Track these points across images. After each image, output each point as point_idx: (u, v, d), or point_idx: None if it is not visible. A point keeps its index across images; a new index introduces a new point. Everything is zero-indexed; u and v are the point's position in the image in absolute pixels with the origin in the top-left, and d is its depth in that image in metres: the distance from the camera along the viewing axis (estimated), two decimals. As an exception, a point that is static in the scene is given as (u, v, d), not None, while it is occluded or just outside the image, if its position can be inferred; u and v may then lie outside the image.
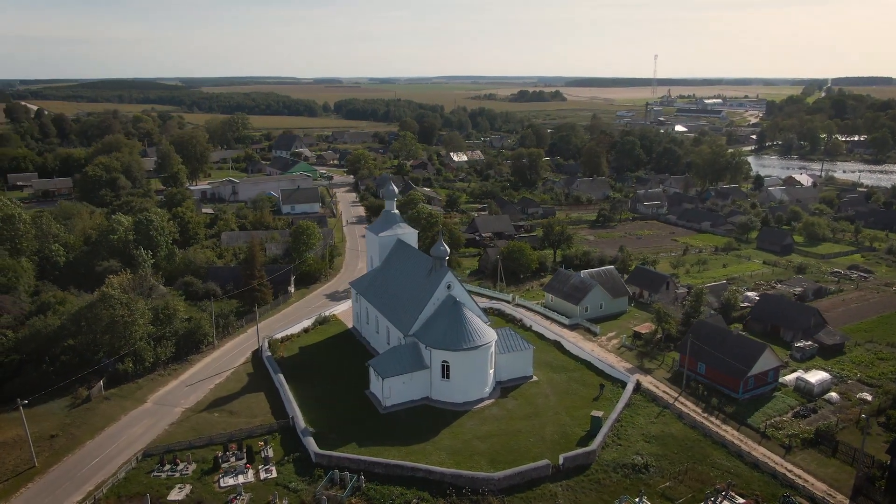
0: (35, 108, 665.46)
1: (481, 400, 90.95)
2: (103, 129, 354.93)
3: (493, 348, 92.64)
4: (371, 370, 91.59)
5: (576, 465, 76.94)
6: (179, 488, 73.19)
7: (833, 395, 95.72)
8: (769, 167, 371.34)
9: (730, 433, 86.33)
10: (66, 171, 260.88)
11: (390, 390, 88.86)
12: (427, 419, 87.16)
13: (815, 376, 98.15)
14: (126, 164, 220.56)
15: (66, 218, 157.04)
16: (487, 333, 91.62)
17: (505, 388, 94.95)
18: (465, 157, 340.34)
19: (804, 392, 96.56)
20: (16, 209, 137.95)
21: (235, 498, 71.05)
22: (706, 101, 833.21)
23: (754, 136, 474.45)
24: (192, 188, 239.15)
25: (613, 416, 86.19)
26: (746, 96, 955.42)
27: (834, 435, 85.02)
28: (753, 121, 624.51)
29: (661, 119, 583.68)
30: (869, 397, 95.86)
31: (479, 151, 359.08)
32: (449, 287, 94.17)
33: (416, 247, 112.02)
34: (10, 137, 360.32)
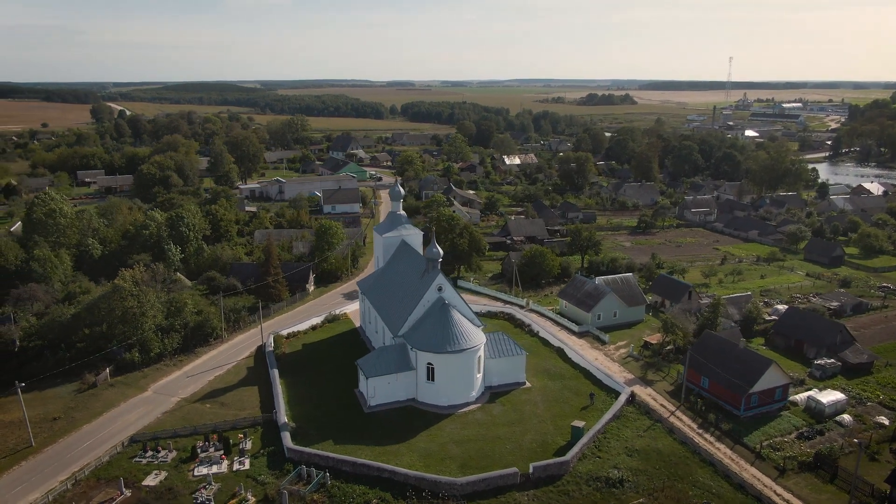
0: (119, 108, 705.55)
1: (467, 404, 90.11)
2: (172, 129, 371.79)
3: (481, 352, 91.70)
4: (359, 369, 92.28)
5: (547, 475, 75.15)
6: (155, 474, 75.88)
7: (845, 417, 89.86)
8: (842, 175, 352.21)
9: (722, 451, 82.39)
10: (131, 168, 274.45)
11: (375, 390, 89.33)
12: (409, 420, 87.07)
13: (828, 396, 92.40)
14: (179, 162, 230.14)
15: (111, 213, 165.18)
16: (475, 337, 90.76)
17: (495, 394, 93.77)
18: (517, 160, 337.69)
19: (814, 413, 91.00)
20: (60, 204, 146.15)
21: (204, 487, 73.08)
22: (784, 105, 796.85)
23: (829, 142, 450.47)
24: (242, 187, 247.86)
25: (597, 426, 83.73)
26: (830, 100, 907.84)
27: (836, 459, 79.77)
28: (834, 126, 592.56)
29: (731, 123, 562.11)
30: (886, 421, 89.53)
31: (532, 155, 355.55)
32: (440, 289, 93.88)
33: (422, 248, 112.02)
34: (87, 136, 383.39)
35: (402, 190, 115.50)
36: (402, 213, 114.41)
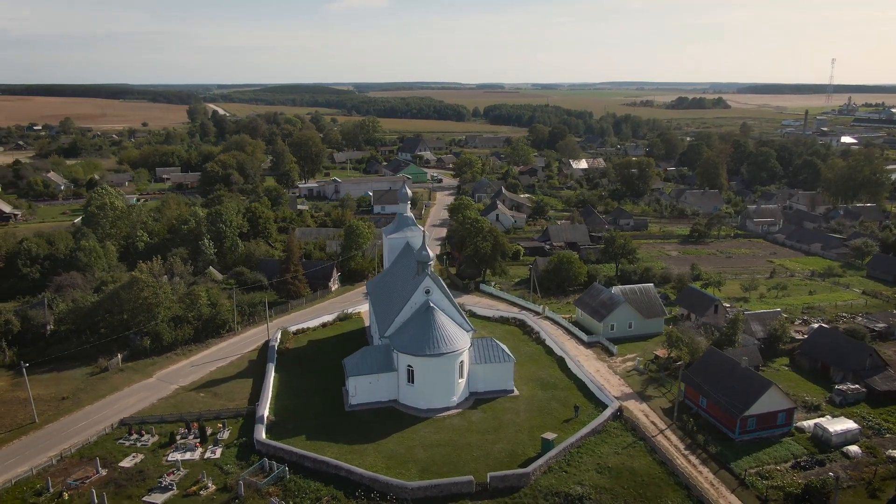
0: (213, 109, 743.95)
1: (447, 409, 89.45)
2: (251, 129, 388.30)
3: (464, 357, 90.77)
4: (344, 367, 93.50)
5: (504, 486, 73.45)
6: (133, 457, 79.78)
7: (853, 448, 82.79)
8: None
9: (703, 476, 77.83)
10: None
11: (356, 389, 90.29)
12: (386, 422, 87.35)
13: (838, 425, 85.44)
14: (241, 161, 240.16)
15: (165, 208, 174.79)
16: (458, 341, 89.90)
17: (479, 400, 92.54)
18: (583, 164, 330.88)
19: (821, 441, 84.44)
20: (112, 199, 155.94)
21: (172, 472, 76.20)
22: (894, 109, 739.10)
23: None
24: (301, 186, 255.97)
25: (571, 440, 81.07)
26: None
27: (828, 493, 73.73)
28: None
29: (825, 129, 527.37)
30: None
31: (601, 159, 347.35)
32: (427, 292, 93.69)
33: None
34: (174, 135, 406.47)
35: (409, 192, 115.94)
36: (410, 214, 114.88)
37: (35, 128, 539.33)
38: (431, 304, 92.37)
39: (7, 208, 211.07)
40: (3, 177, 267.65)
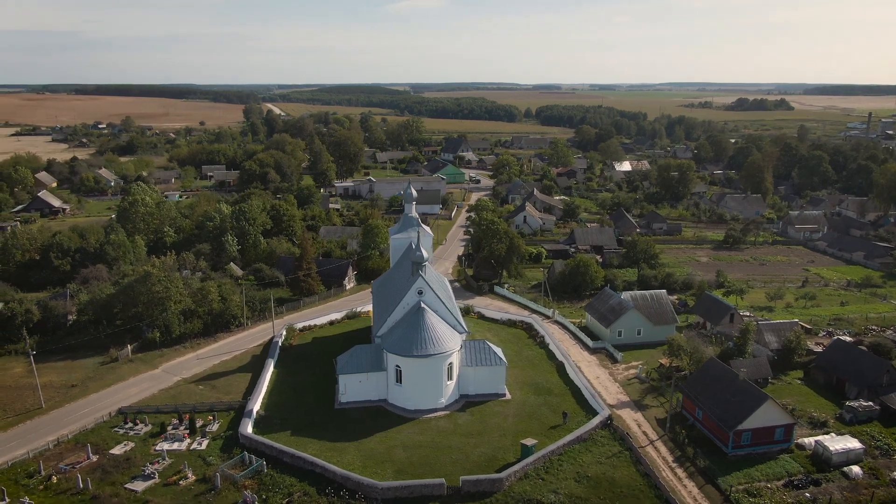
0: (270, 108, 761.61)
1: (435, 410, 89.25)
2: (298, 128, 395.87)
3: (453, 359, 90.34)
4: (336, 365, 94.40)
5: (477, 491, 72.80)
6: (124, 445, 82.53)
7: (854, 468, 78.71)
8: None
9: (687, 490, 75.41)
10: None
11: (346, 387, 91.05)
12: (373, 420, 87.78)
13: (839, 443, 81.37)
14: (279, 160, 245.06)
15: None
16: (447, 343, 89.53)
17: (470, 403, 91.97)
18: (626, 167, 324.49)
19: (821, 460, 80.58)
20: (142, 195, 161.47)
21: (156, 461, 78.51)
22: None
23: None
24: (337, 185, 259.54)
25: (552, 447, 79.69)
26: None
27: (817, 514, 70.52)
28: None
29: (890, 132, 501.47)
30: (905, 479, 77.40)
31: (645, 162, 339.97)
32: (420, 293, 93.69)
33: (432, 250, 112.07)
34: (224, 134, 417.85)
35: (414, 192, 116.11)
36: (414, 215, 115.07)
37: (100, 126, 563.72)
38: (423, 305, 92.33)
39: (57, 202, 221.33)
40: (59, 173, 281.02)
